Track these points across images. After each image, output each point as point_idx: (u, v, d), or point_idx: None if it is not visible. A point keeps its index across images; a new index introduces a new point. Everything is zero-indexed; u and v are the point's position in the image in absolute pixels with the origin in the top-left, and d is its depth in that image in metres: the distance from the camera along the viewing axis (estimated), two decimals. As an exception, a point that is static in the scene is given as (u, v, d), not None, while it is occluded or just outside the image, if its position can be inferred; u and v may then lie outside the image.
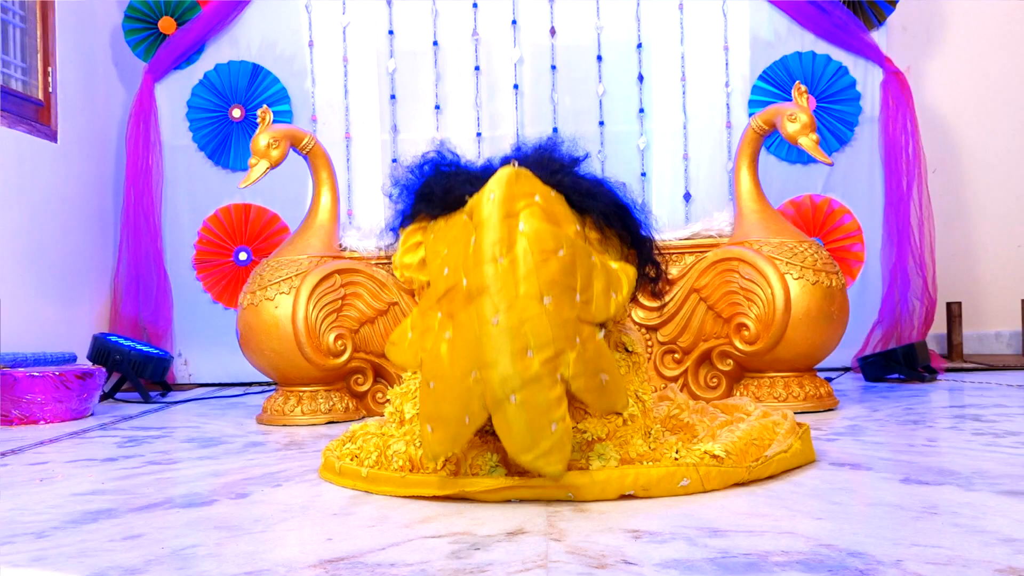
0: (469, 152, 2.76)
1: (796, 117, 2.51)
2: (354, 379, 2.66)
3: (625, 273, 1.56)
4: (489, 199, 1.44)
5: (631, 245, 1.66)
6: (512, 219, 1.42)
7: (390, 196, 1.72)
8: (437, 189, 1.61)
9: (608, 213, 1.62)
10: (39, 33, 3.21)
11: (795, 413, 2.13)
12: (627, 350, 1.74)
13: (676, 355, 2.65)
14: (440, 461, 1.50)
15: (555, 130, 3.50)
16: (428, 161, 1.68)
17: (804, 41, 3.53)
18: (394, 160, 3.55)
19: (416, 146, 2.83)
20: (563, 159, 1.63)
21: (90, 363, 3.09)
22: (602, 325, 1.50)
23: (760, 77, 3.53)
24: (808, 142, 2.49)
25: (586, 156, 1.68)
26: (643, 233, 1.68)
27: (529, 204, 1.44)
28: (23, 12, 3.15)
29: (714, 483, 1.48)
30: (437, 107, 3.59)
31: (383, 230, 1.81)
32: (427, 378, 1.47)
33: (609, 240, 1.62)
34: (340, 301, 2.57)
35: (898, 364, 3.14)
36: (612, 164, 3.51)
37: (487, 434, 1.64)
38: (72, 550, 1.22)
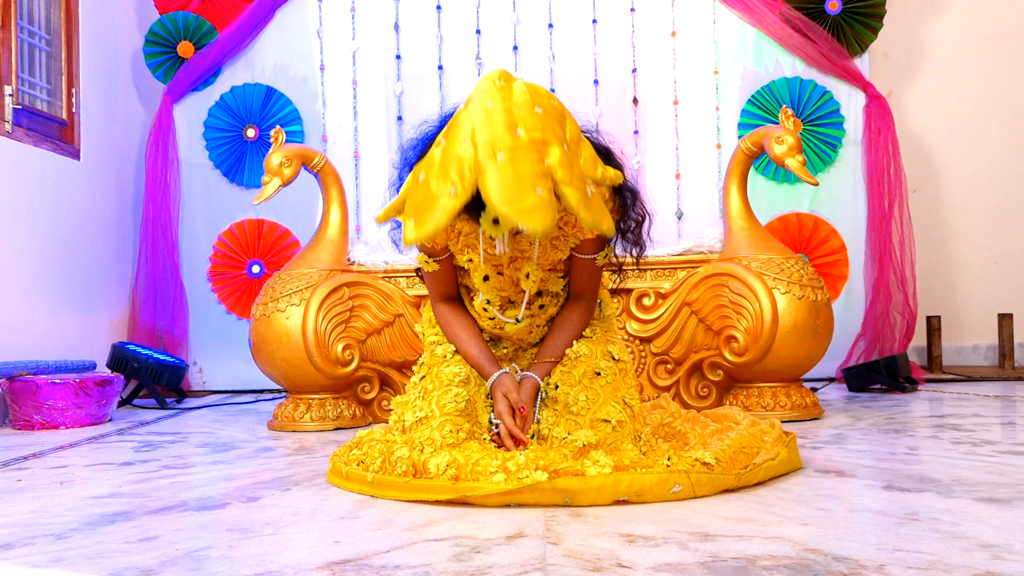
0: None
1: (783, 139, 2.51)
2: (361, 387, 2.66)
3: (614, 170, 1.55)
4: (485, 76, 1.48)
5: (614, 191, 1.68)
6: (509, 78, 1.46)
7: (400, 161, 1.74)
8: (441, 131, 1.63)
9: (597, 147, 1.65)
10: (64, 56, 3.21)
11: (782, 422, 2.12)
12: (614, 358, 1.74)
13: (668, 366, 2.64)
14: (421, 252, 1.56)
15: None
16: (429, 133, 1.72)
17: (791, 67, 3.54)
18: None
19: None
20: None
21: (109, 371, 3.08)
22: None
23: (749, 101, 3.54)
24: (794, 163, 2.49)
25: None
26: (626, 183, 1.70)
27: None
28: (49, 36, 3.16)
29: (705, 489, 1.48)
30: (442, 128, 3.60)
31: (388, 188, 1.81)
32: (417, 174, 1.46)
33: None
34: (348, 313, 2.57)
35: (880, 375, 3.14)
36: (608, 183, 3.51)
37: (487, 440, 1.64)
38: (90, 551, 1.21)
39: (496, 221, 1.46)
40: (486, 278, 1.73)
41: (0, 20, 2.81)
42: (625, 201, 1.72)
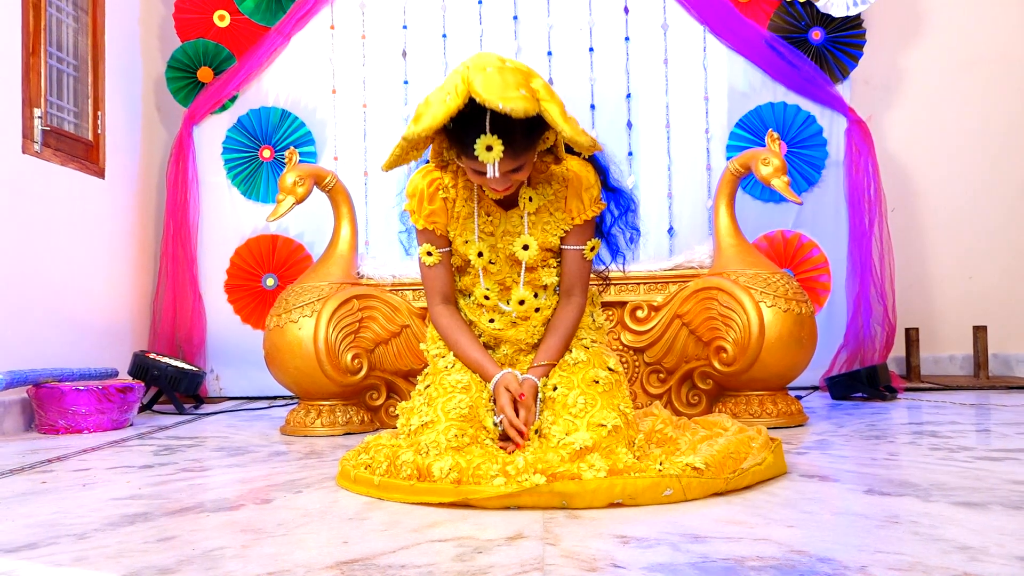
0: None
1: (769, 161, 2.52)
2: (369, 395, 2.65)
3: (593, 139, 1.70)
4: None
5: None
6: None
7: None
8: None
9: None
10: (90, 80, 3.22)
11: (768, 428, 2.12)
12: (611, 369, 1.74)
13: (661, 375, 2.64)
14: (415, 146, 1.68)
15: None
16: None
17: (776, 93, 3.54)
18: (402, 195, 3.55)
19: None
20: None
21: (130, 378, 3.08)
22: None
23: (737, 124, 3.54)
24: (780, 183, 2.49)
25: None
26: (611, 178, 1.85)
27: None
28: (76, 62, 3.17)
29: (695, 493, 1.47)
30: (446, 149, 3.60)
31: (393, 208, 2.02)
32: (421, 101, 1.63)
33: None
34: (357, 324, 2.57)
35: (862, 384, 3.13)
36: (603, 201, 3.52)
37: (489, 445, 1.63)
38: (111, 551, 1.21)
39: (489, 148, 1.55)
40: (480, 254, 1.77)
41: (31, 47, 2.82)
42: (612, 194, 1.84)
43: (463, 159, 1.65)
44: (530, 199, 1.77)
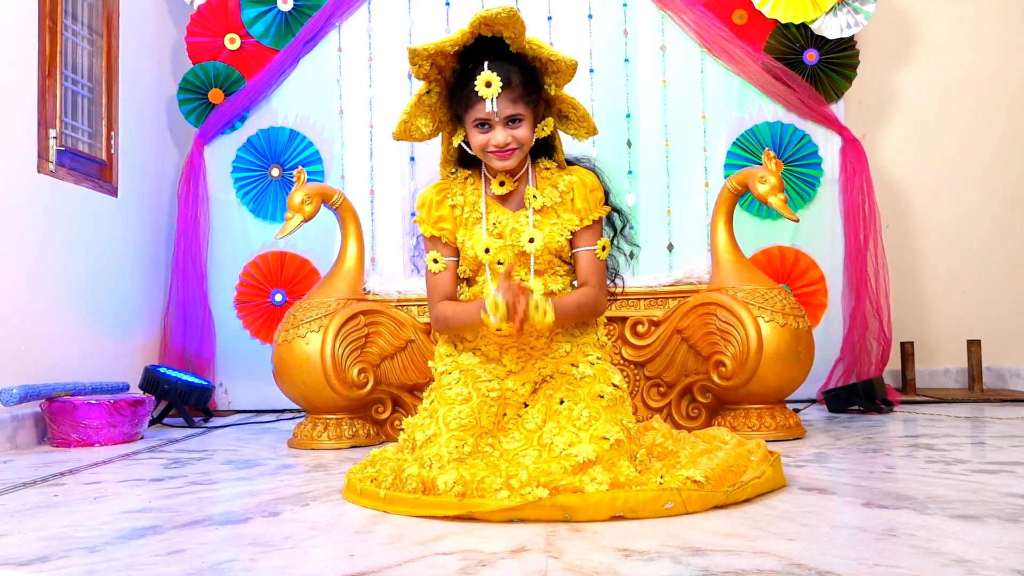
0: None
1: (766, 179, 2.52)
2: (375, 408, 2.64)
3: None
4: None
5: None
6: None
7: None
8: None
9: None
10: (104, 102, 3.24)
11: (767, 442, 2.11)
12: (615, 385, 1.74)
13: (661, 388, 2.63)
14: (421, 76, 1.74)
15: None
16: None
17: (772, 112, 3.55)
18: (413, 214, 3.56)
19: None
20: None
21: (141, 392, 3.07)
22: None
23: (734, 143, 3.55)
24: (776, 201, 2.49)
25: None
26: (610, 203, 1.89)
27: None
28: (90, 84, 3.19)
29: (695, 506, 1.46)
30: (451, 168, 3.60)
31: (405, 236, 2.12)
32: None
33: None
34: (364, 339, 2.57)
35: (858, 397, 3.12)
36: (604, 218, 3.52)
37: (491, 457, 1.62)
38: (121, 564, 1.20)
39: (488, 85, 1.65)
40: (488, 250, 1.79)
41: (47, 69, 2.83)
42: (611, 205, 1.90)
43: (467, 114, 1.73)
44: (534, 196, 1.81)
